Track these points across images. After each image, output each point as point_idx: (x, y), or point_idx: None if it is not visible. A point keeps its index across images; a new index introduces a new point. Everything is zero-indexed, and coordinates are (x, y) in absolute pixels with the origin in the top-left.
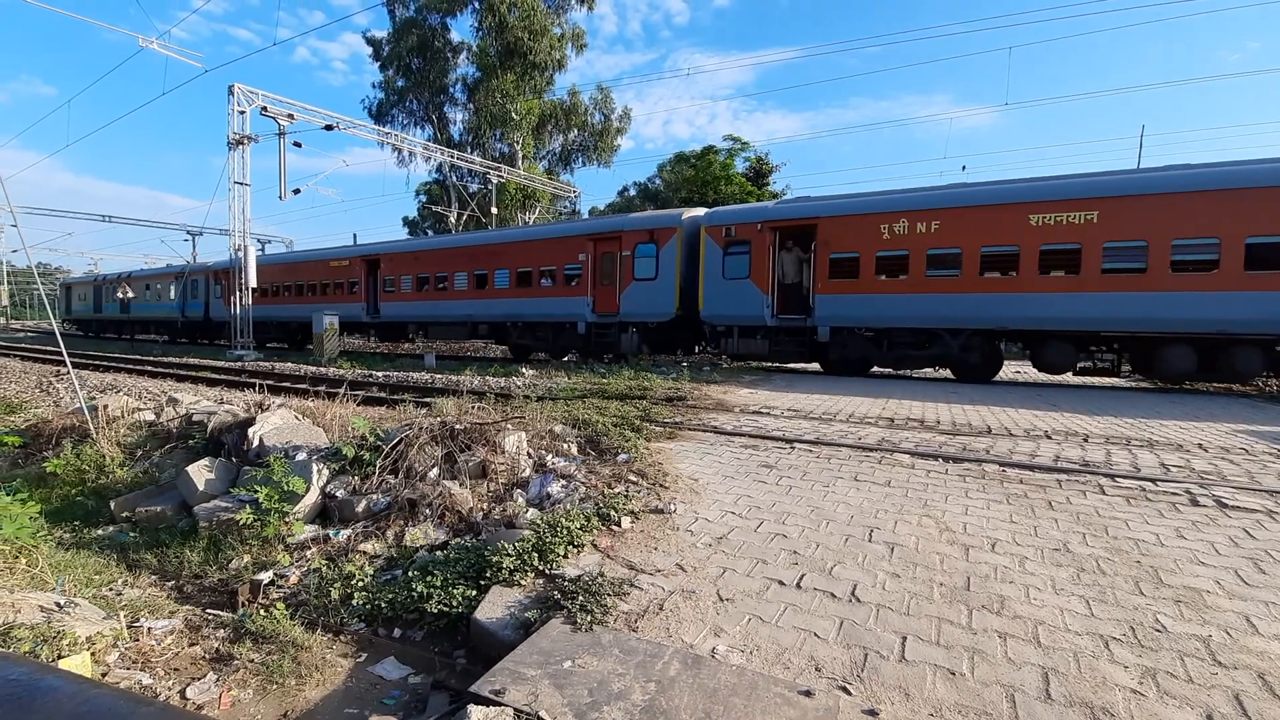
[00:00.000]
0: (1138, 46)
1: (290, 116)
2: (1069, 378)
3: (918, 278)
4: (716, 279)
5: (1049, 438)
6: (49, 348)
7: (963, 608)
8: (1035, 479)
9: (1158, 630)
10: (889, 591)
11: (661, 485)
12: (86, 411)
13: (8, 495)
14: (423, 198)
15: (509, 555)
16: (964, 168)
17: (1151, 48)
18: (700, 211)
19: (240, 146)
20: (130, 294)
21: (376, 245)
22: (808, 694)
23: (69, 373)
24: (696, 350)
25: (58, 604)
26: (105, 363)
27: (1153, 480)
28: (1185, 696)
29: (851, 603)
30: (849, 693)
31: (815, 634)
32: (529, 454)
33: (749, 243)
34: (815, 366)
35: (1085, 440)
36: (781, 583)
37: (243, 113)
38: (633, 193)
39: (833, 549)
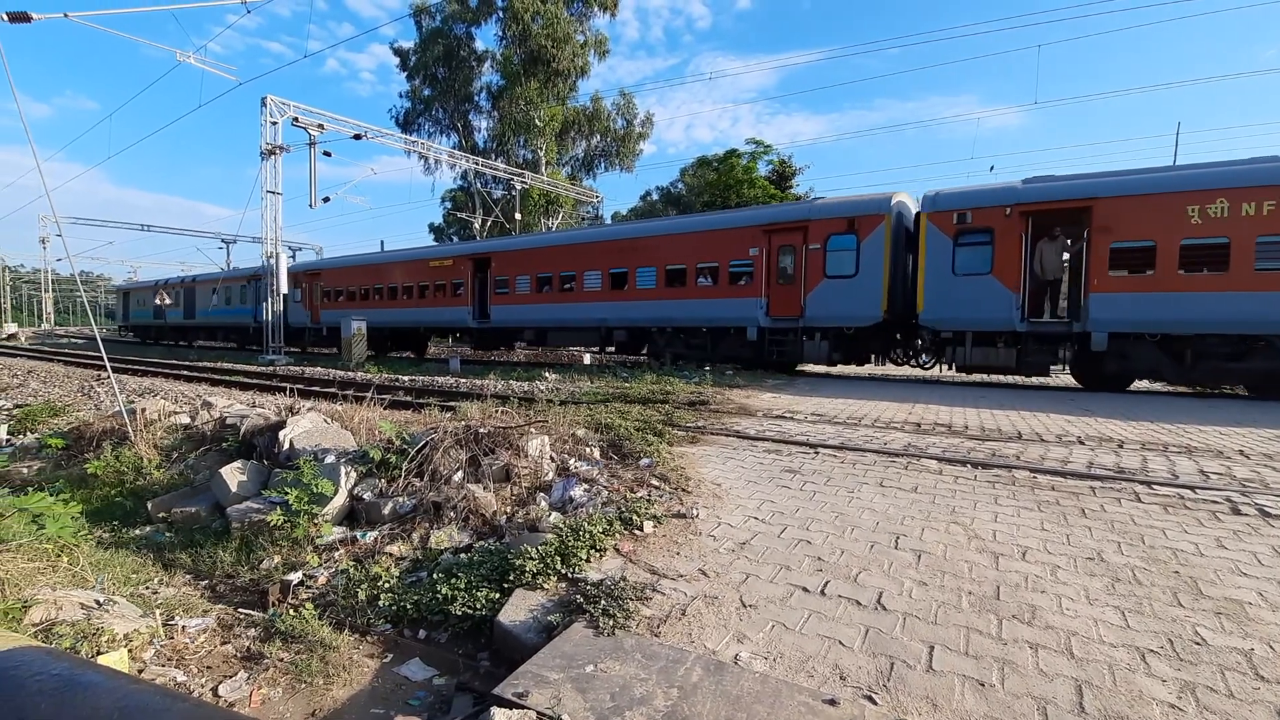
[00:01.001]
0: (1171, 43)
1: (320, 126)
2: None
3: (1243, 271)
4: (943, 275)
5: (1082, 443)
6: (91, 353)
7: (992, 617)
8: (1067, 486)
9: (1197, 643)
10: (916, 599)
11: (684, 490)
12: (125, 414)
13: (51, 496)
14: (448, 204)
15: (532, 559)
16: (991, 168)
17: (1186, 44)
18: (912, 195)
19: (272, 156)
20: (168, 300)
21: (487, 242)
22: (833, 703)
23: (109, 377)
24: (904, 360)
25: (97, 601)
26: (143, 367)
27: (1191, 488)
28: (1226, 712)
29: (877, 610)
30: (875, 702)
31: (840, 642)
32: (552, 458)
33: (991, 231)
34: (836, 370)
35: (1120, 446)
36: (806, 589)
37: (275, 123)
38: (655, 197)
39: (858, 556)
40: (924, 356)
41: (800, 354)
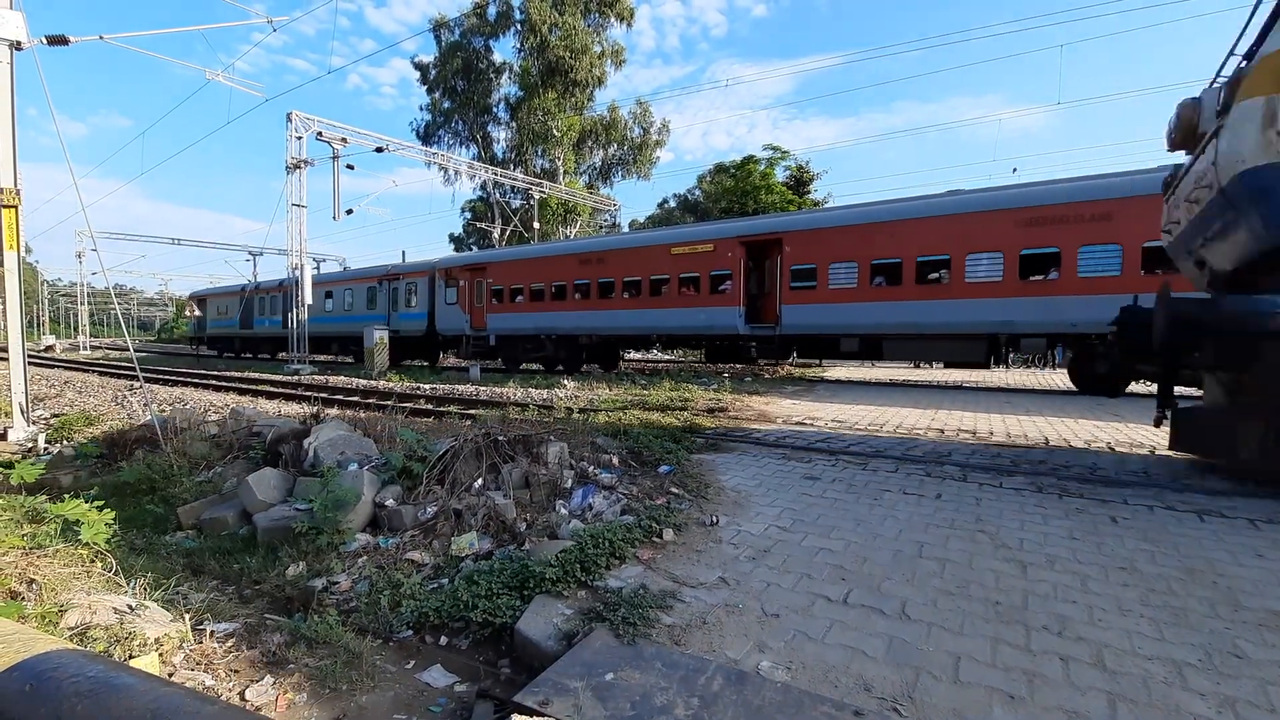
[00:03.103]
0: (1197, 39)
1: (343, 140)
2: (1132, 386)
3: None
4: None
5: (1111, 450)
6: (124, 364)
7: (1020, 628)
8: (1097, 493)
9: (1237, 656)
10: (941, 609)
11: (704, 497)
12: (156, 423)
13: (86, 502)
14: (468, 215)
15: (552, 566)
16: (1015, 170)
17: (1213, 39)
18: None
19: (297, 170)
20: (198, 312)
21: (775, 219)
22: (858, 713)
23: (141, 387)
24: None
25: (129, 606)
26: (174, 377)
27: (1227, 495)
28: None
29: (901, 620)
30: (900, 714)
31: (864, 652)
32: (571, 465)
33: None
34: (858, 375)
35: (1151, 452)
36: (828, 598)
37: (300, 138)
38: (672, 204)
39: (881, 564)
40: None
41: None
